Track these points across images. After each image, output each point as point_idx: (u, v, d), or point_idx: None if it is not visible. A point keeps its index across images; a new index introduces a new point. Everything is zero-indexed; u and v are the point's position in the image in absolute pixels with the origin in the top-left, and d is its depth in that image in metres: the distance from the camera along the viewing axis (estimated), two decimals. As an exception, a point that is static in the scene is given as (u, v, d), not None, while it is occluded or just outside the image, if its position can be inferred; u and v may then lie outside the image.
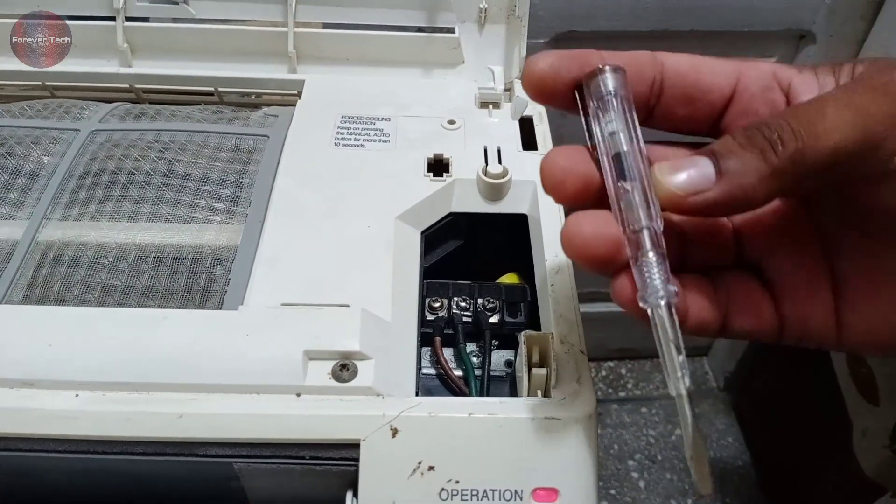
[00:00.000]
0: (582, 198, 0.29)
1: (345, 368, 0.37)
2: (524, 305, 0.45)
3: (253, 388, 0.36)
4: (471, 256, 0.50)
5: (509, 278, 0.48)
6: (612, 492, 1.23)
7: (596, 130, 0.29)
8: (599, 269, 0.29)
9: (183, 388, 0.36)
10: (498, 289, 0.45)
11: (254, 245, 0.43)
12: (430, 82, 0.58)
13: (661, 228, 0.27)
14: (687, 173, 0.26)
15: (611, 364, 1.40)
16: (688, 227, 0.31)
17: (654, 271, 0.27)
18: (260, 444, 0.35)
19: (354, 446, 0.35)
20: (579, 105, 0.30)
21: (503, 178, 0.46)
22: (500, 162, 0.48)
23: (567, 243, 0.28)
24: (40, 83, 0.57)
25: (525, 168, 0.48)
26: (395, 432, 0.35)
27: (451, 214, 0.48)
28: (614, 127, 0.28)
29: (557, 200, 0.31)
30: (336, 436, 0.35)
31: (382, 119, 0.53)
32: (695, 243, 0.31)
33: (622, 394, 1.36)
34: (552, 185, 0.30)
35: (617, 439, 1.29)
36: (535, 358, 0.37)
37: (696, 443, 0.27)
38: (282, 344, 0.37)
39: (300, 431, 0.35)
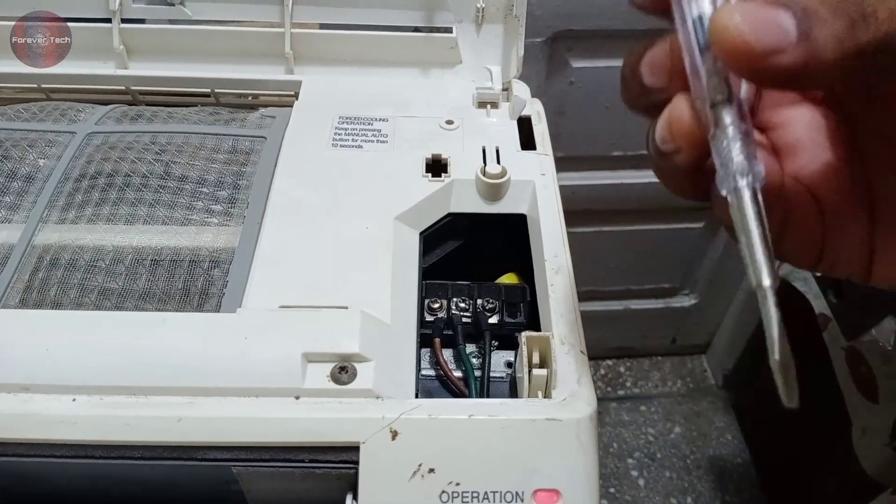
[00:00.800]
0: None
1: (344, 371, 0.36)
2: (524, 306, 0.45)
3: (252, 391, 0.36)
4: (470, 257, 0.50)
5: (508, 278, 0.48)
6: (612, 490, 1.23)
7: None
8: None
9: (181, 392, 0.36)
10: (497, 289, 0.45)
11: (251, 247, 0.43)
12: (428, 82, 0.57)
13: (748, 101, 0.24)
14: (762, 22, 0.22)
15: (609, 362, 1.40)
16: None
17: (737, 147, 0.23)
18: (259, 448, 0.35)
19: (354, 449, 0.34)
20: None
21: (502, 178, 0.46)
22: (498, 162, 0.48)
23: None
24: (36, 85, 0.57)
25: (524, 168, 0.48)
26: (394, 434, 0.35)
27: (449, 215, 0.47)
28: None
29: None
30: (335, 438, 0.35)
31: (380, 119, 0.52)
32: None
33: (621, 392, 1.36)
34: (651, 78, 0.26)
35: (616, 437, 1.29)
36: (536, 359, 0.37)
37: (783, 347, 0.23)
38: (280, 346, 0.37)
39: (299, 434, 0.35)
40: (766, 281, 0.23)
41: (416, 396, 0.38)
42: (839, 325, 0.90)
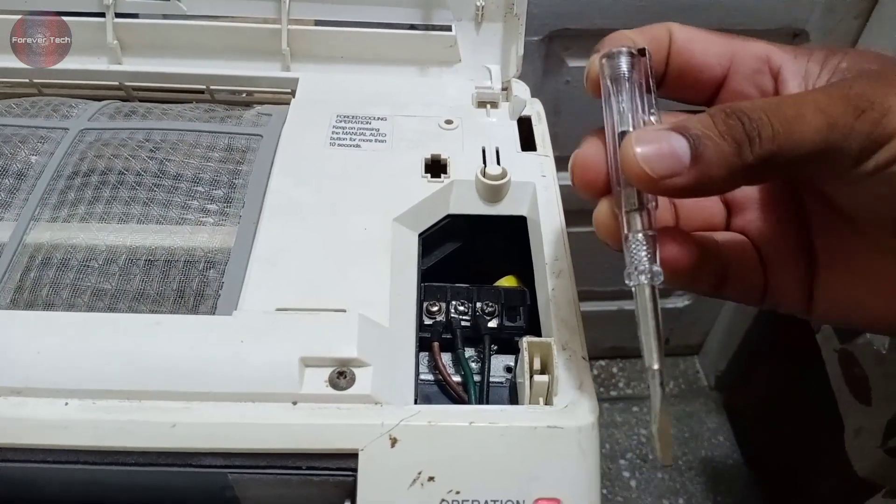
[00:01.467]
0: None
1: (342, 376, 0.36)
2: (523, 309, 0.44)
3: (248, 396, 0.35)
4: (469, 259, 0.49)
5: (508, 281, 0.47)
6: (604, 491, 1.23)
7: (606, 111, 0.31)
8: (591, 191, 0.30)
9: (176, 397, 0.35)
10: (497, 292, 0.45)
11: (248, 247, 0.42)
12: (427, 81, 0.57)
13: (656, 208, 0.29)
14: (659, 153, 0.26)
15: (602, 363, 1.39)
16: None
17: (642, 250, 0.28)
18: (255, 454, 0.34)
19: (352, 456, 0.34)
20: (601, 88, 0.31)
21: (502, 179, 0.46)
22: (498, 163, 0.48)
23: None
24: (28, 80, 0.56)
25: (524, 169, 0.47)
26: (394, 441, 0.34)
27: (448, 216, 0.47)
28: (622, 107, 0.30)
29: (588, 195, 0.31)
30: (333, 445, 0.34)
31: (378, 118, 0.52)
32: (685, 208, 0.33)
33: (614, 393, 1.36)
34: (583, 183, 0.31)
35: (608, 438, 1.29)
36: (537, 365, 0.37)
37: (663, 420, 0.28)
38: (277, 350, 0.36)
39: (296, 441, 0.34)
40: (655, 365, 0.29)
41: (415, 402, 0.38)
42: (833, 328, 0.90)
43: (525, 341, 0.37)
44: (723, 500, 1.23)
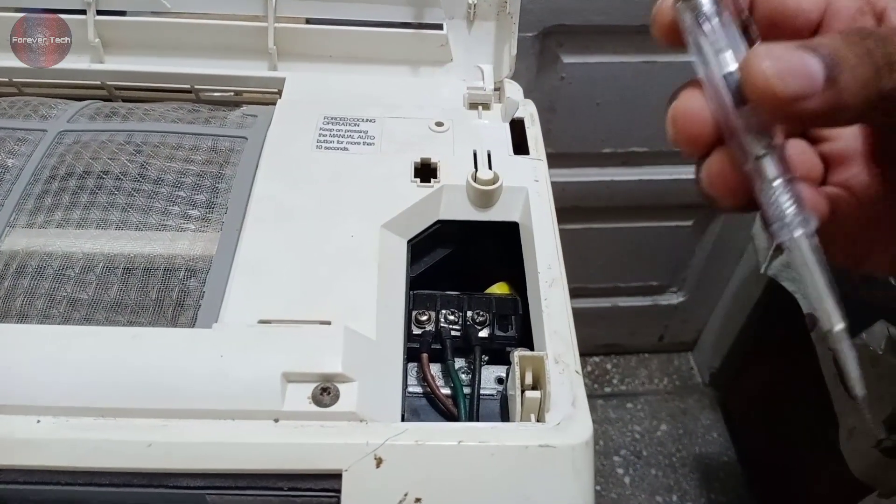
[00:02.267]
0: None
1: (326, 392, 0.34)
2: (515, 319, 0.43)
3: (228, 414, 0.34)
4: (460, 265, 0.48)
5: (500, 288, 0.46)
6: (598, 488, 1.22)
7: (697, 57, 0.26)
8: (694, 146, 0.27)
9: (153, 414, 0.33)
10: (488, 301, 0.44)
11: (230, 255, 0.41)
12: (418, 81, 0.55)
13: (785, 148, 0.25)
14: (790, 69, 0.23)
15: (596, 359, 1.39)
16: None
17: (785, 198, 0.24)
18: (235, 475, 0.33)
19: (336, 477, 0.33)
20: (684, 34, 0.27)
21: (494, 184, 0.44)
22: (490, 167, 0.46)
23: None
24: (7, 79, 0.54)
25: (516, 173, 0.46)
26: (379, 462, 0.33)
27: (438, 222, 0.45)
28: (720, 46, 0.26)
29: (690, 151, 0.27)
30: (316, 465, 0.33)
31: (367, 120, 0.50)
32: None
33: (607, 389, 1.36)
34: (686, 138, 0.27)
35: (602, 435, 1.28)
36: (529, 380, 0.35)
37: (863, 384, 0.24)
38: (259, 366, 0.35)
39: (278, 461, 0.33)
40: (839, 325, 0.23)
41: (403, 418, 0.37)
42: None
43: (517, 355, 0.36)
44: (716, 498, 1.23)
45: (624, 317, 1.30)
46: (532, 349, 0.39)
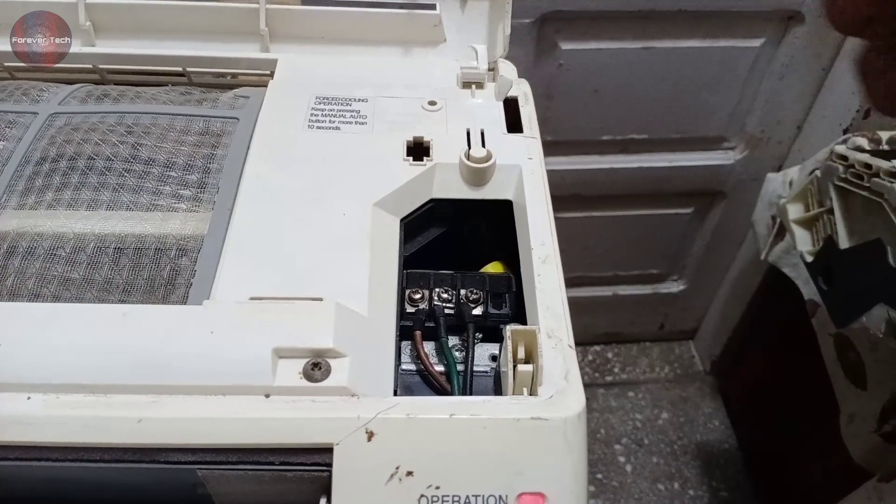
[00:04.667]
0: None
1: (317, 367, 0.34)
2: (509, 296, 0.43)
3: (219, 390, 0.34)
4: (453, 245, 0.48)
5: (494, 267, 0.46)
6: (599, 476, 1.22)
7: None
8: None
9: (143, 390, 0.33)
10: (482, 279, 0.43)
11: (221, 234, 0.41)
12: (410, 62, 0.55)
13: None
14: None
15: (597, 348, 1.38)
16: None
17: None
18: (226, 449, 0.33)
19: (327, 451, 0.32)
20: None
21: (487, 162, 0.44)
22: (483, 145, 0.46)
23: None
24: (-1, 64, 0.54)
25: (510, 151, 0.46)
26: (370, 435, 0.33)
27: (431, 201, 0.45)
28: None
29: None
30: (308, 440, 0.33)
31: (359, 100, 0.50)
32: None
33: (609, 378, 1.35)
34: None
35: (603, 423, 1.28)
36: (521, 354, 0.35)
37: None
38: (250, 341, 0.35)
39: (269, 436, 0.33)
40: None
41: (395, 394, 0.36)
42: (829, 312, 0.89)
43: (509, 329, 0.35)
44: (717, 485, 1.23)
45: (624, 305, 1.29)
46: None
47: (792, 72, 0.92)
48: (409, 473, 0.32)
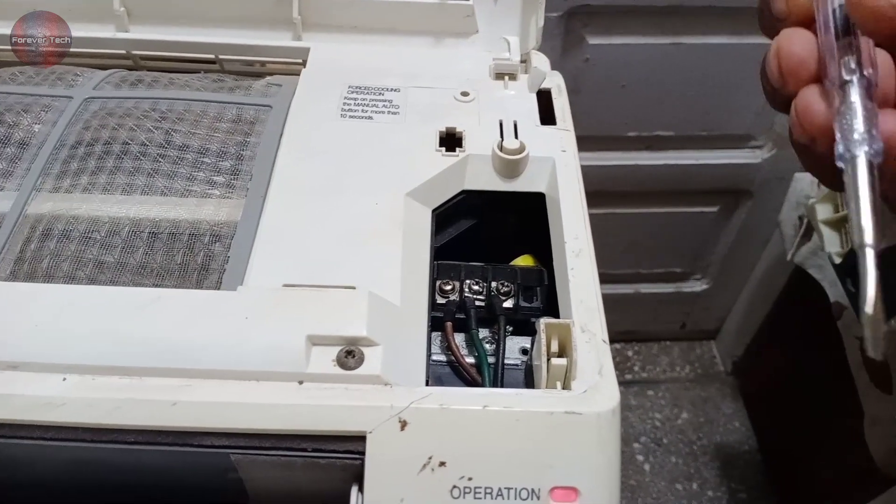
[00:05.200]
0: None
1: (350, 355, 0.34)
2: (541, 290, 0.42)
3: (252, 375, 0.34)
4: (483, 237, 0.48)
5: (524, 260, 0.46)
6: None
7: None
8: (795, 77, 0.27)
9: (177, 374, 0.33)
10: (513, 272, 0.43)
11: (255, 221, 0.41)
12: (442, 52, 0.55)
13: (875, 85, 0.25)
14: None
15: (617, 346, 1.38)
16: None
17: (857, 120, 0.25)
18: (259, 435, 0.33)
19: (360, 439, 0.32)
20: None
21: (520, 153, 0.44)
22: (516, 136, 0.46)
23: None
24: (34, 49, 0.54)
25: (543, 143, 0.45)
26: (403, 425, 0.32)
27: (463, 192, 0.45)
28: None
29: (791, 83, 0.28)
30: (341, 427, 0.33)
31: (391, 90, 0.50)
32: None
33: (628, 376, 1.35)
34: (788, 68, 0.27)
35: (623, 422, 1.27)
36: (555, 348, 0.35)
37: (876, 303, 0.24)
38: (284, 328, 0.35)
39: (302, 422, 0.33)
40: (867, 239, 0.24)
41: (427, 384, 0.36)
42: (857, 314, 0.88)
43: (542, 322, 0.35)
44: (736, 487, 1.22)
45: (646, 303, 1.29)
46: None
47: (822, 69, 0.91)
48: (442, 464, 0.32)
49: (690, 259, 1.22)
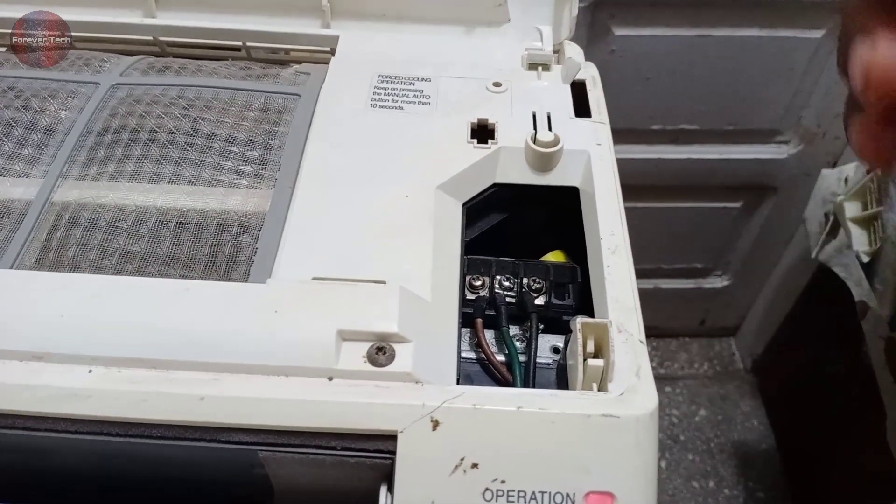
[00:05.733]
0: None
1: (381, 351, 0.33)
2: (573, 287, 0.41)
3: (281, 370, 0.33)
4: (512, 231, 0.47)
5: (555, 256, 0.45)
6: (632, 471, 1.21)
7: None
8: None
9: (205, 368, 0.33)
10: (545, 268, 0.42)
11: (283, 212, 0.40)
12: (473, 42, 0.54)
13: None
14: None
15: (635, 342, 1.36)
16: None
17: None
18: (288, 432, 0.32)
19: (391, 438, 0.32)
20: None
21: (554, 146, 0.43)
22: (550, 129, 0.45)
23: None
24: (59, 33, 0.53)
25: (578, 136, 0.44)
26: (436, 424, 0.32)
27: (495, 185, 0.44)
28: None
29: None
30: (371, 426, 0.32)
31: (422, 80, 0.49)
32: None
33: (646, 372, 1.33)
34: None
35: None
36: (590, 348, 0.34)
37: None
38: (313, 322, 0.34)
39: (333, 419, 0.32)
40: None
41: (458, 382, 0.35)
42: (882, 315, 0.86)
43: (579, 322, 0.34)
44: (753, 486, 1.21)
45: (665, 299, 1.27)
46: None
47: (853, 65, 0.89)
48: (474, 465, 0.31)
49: (712, 255, 1.20)
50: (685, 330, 1.36)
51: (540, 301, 0.41)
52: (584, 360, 0.33)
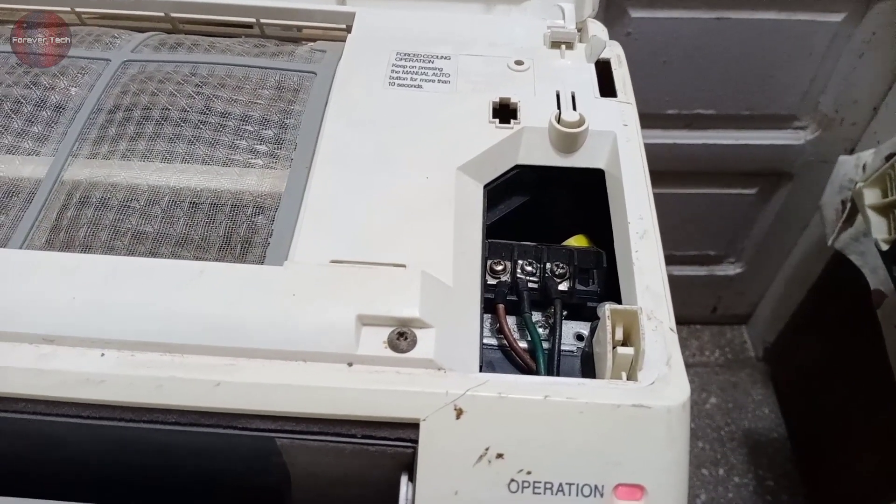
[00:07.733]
0: None
1: (402, 337, 0.32)
2: (598, 273, 0.40)
3: (300, 355, 0.32)
4: (534, 215, 0.45)
5: (577, 241, 0.43)
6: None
7: None
8: None
9: (221, 352, 0.32)
10: (569, 253, 0.41)
11: (299, 193, 0.39)
12: (493, 19, 0.52)
13: None
14: None
15: (645, 329, 1.35)
16: None
17: None
18: (307, 419, 0.31)
19: (413, 426, 0.31)
20: None
21: (579, 126, 0.41)
22: (574, 108, 0.43)
23: None
24: (69, 9, 0.52)
25: (603, 116, 0.43)
26: (459, 413, 0.31)
27: (517, 167, 0.43)
28: None
29: None
30: (392, 414, 0.31)
31: (442, 57, 0.47)
32: None
33: (658, 360, 1.32)
34: None
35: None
36: (619, 336, 0.33)
37: None
38: (332, 307, 0.33)
39: (353, 407, 0.31)
40: None
41: (480, 369, 0.34)
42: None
43: (607, 308, 0.33)
44: (763, 474, 1.20)
45: (677, 286, 1.25)
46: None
47: (873, 49, 0.87)
48: (500, 456, 0.30)
49: (725, 242, 1.19)
50: (697, 317, 1.35)
51: (564, 287, 0.40)
52: (613, 348, 0.32)
